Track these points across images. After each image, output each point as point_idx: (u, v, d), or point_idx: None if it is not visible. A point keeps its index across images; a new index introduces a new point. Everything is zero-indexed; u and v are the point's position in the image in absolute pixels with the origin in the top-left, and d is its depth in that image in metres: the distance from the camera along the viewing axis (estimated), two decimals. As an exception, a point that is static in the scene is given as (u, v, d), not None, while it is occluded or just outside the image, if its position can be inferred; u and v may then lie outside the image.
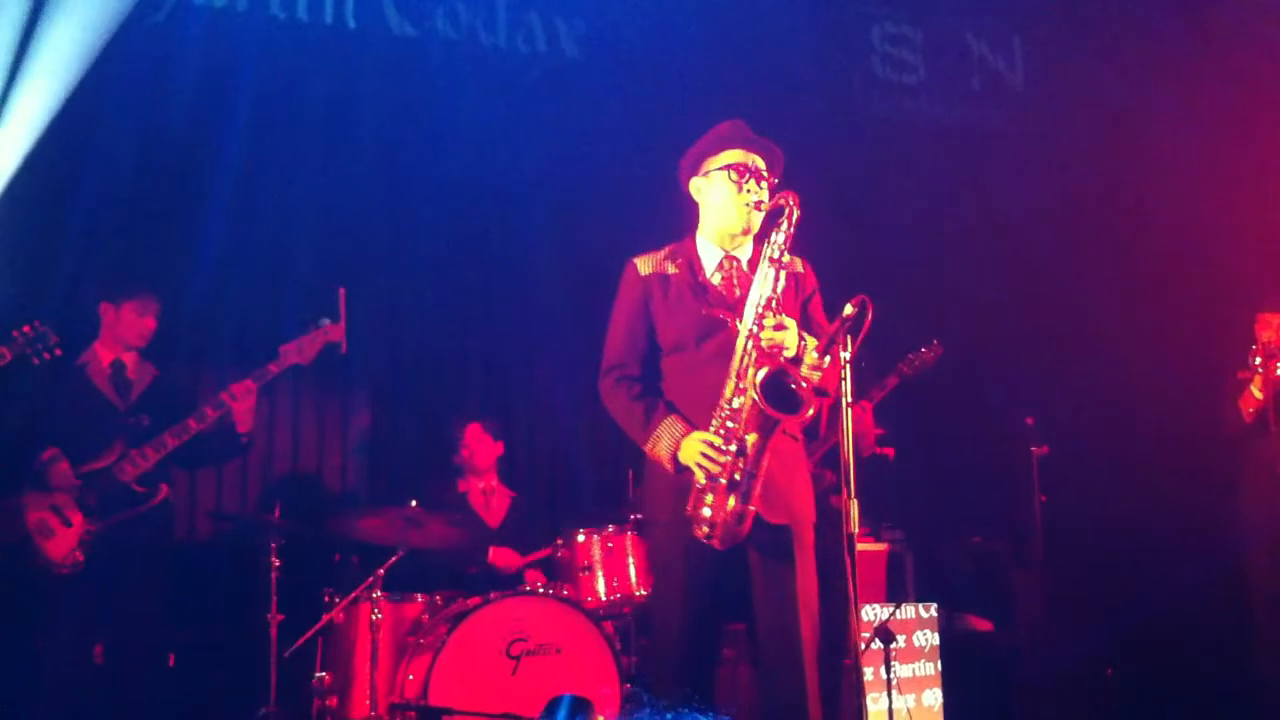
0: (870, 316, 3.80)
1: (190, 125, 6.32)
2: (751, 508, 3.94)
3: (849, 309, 3.85)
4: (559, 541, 5.82)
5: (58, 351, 5.02)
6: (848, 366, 3.83)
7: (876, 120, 7.90)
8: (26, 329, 4.96)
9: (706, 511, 3.95)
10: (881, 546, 6.74)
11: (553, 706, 1.36)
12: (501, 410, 6.94)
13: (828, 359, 3.97)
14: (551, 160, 6.99)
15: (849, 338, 3.82)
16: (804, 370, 3.98)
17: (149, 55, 6.10)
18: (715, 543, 3.96)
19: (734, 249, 4.27)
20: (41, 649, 5.22)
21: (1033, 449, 6.50)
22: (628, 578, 5.62)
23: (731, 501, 3.93)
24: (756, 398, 3.87)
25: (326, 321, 5.48)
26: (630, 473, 6.09)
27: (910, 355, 6.36)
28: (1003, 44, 8.31)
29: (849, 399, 3.82)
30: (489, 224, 7.07)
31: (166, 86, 6.21)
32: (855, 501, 3.78)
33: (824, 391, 4.07)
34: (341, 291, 5.54)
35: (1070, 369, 7.53)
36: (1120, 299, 7.58)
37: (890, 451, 6.39)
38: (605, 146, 7.05)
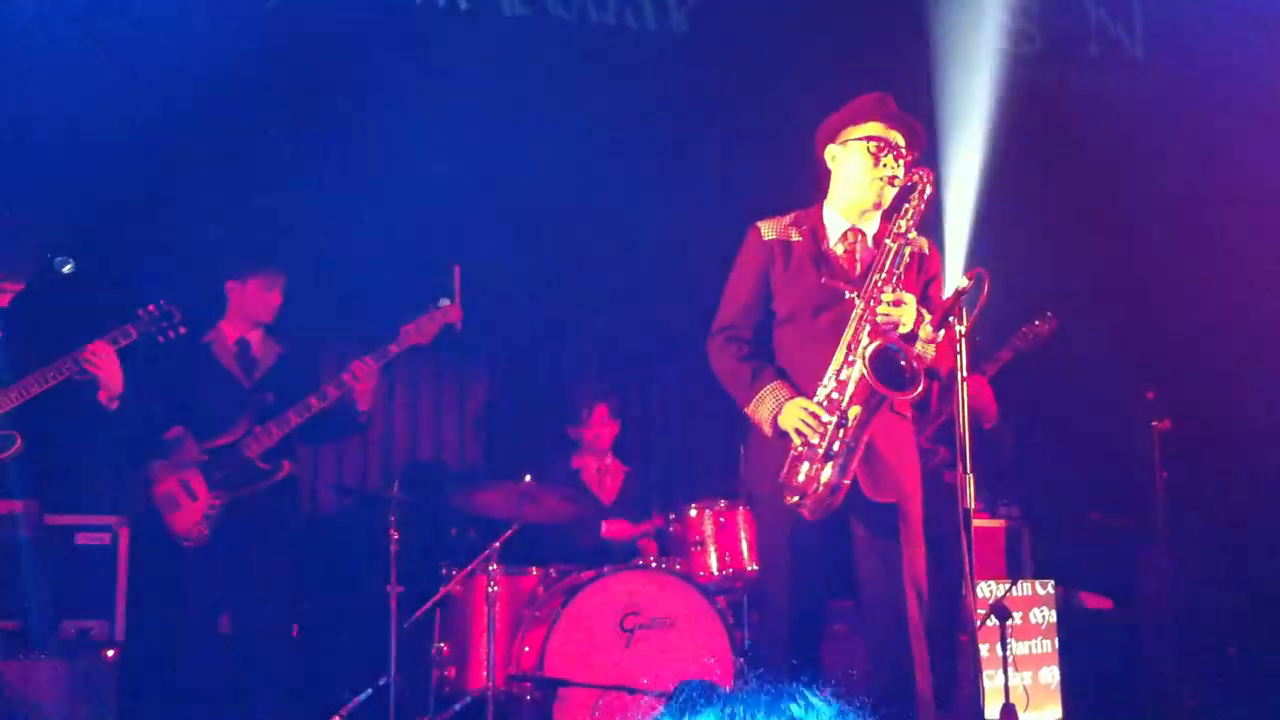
0: (986, 290, 3.76)
1: (306, 107, 6.45)
2: (847, 481, 3.92)
3: (965, 282, 3.81)
4: (671, 516, 5.85)
5: (182, 330, 5.15)
6: (963, 340, 3.80)
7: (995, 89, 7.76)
8: (152, 308, 5.09)
9: (799, 479, 3.95)
10: (998, 523, 6.66)
11: (679, 691, 1.38)
12: (614, 385, 6.99)
13: (941, 333, 3.94)
14: (663, 136, 6.99)
15: (964, 311, 3.79)
16: (918, 348, 3.95)
17: (265, 37, 6.21)
18: (804, 511, 3.95)
19: (860, 222, 4.23)
20: (170, 618, 5.37)
21: (1154, 424, 6.35)
22: (740, 552, 5.62)
23: (828, 473, 3.92)
24: (865, 371, 3.84)
25: (445, 301, 5.55)
26: (741, 448, 6.10)
27: (1024, 328, 6.25)
28: (1122, 9, 8.11)
29: (964, 373, 3.79)
30: (601, 201, 7.11)
31: (282, 68, 6.33)
32: (971, 477, 3.76)
33: (935, 373, 4.04)
34: (457, 271, 5.61)
35: (1192, 341, 7.35)
36: (1242, 270, 7.38)
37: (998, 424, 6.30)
38: (717, 122, 7.03)
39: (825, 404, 3.95)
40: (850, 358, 3.93)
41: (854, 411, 3.90)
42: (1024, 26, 7.63)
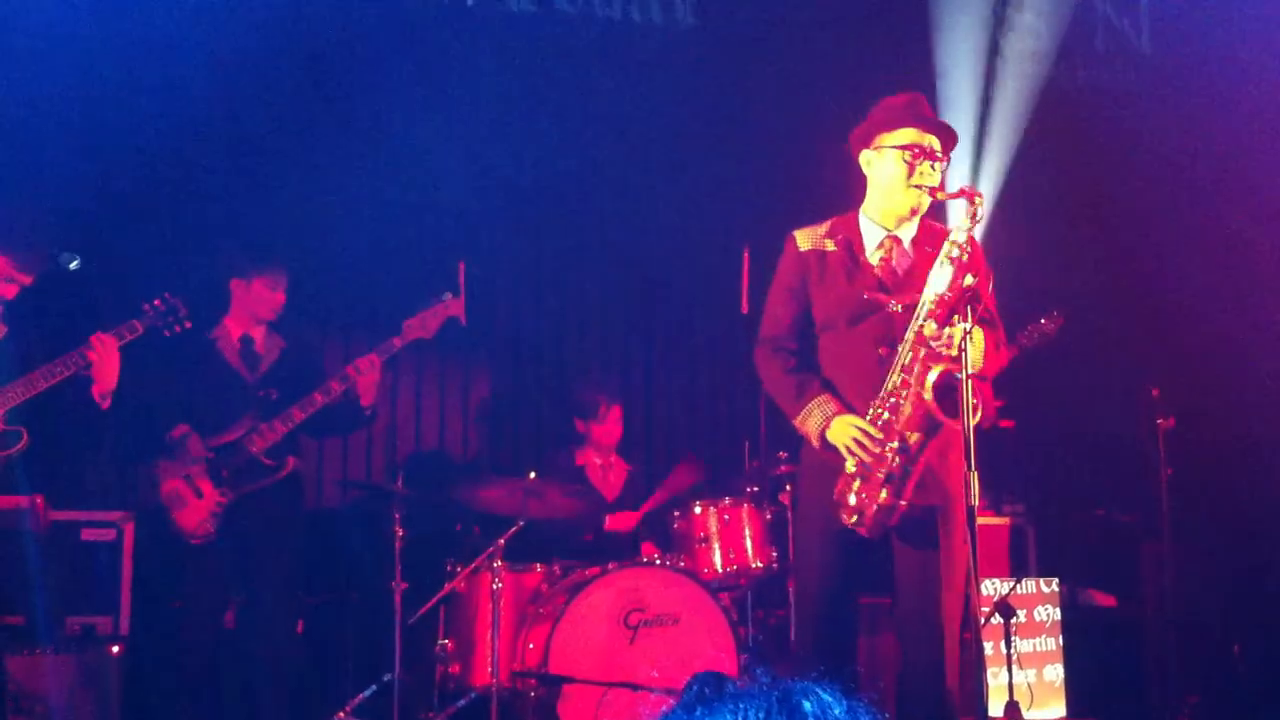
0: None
1: (313, 103, 6.45)
2: (903, 502, 3.92)
3: (969, 279, 3.80)
4: (676, 513, 5.85)
5: (187, 324, 5.15)
6: (967, 338, 3.79)
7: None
8: (158, 302, 5.09)
9: (853, 499, 3.95)
10: (1003, 520, 6.65)
11: (692, 684, 1.37)
12: (618, 381, 6.98)
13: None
14: (669, 131, 6.99)
15: (969, 309, 3.78)
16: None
17: (271, 33, 6.21)
18: (863, 530, 3.95)
19: (897, 229, 4.20)
20: (176, 614, 5.38)
21: (1158, 421, 6.32)
22: (744, 550, 5.63)
23: (884, 494, 3.91)
24: (929, 401, 3.83)
25: (448, 295, 5.56)
26: (746, 445, 6.09)
27: (1030, 326, 6.21)
28: (1129, 5, 8.09)
29: (968, 370, 3.78)
30: (606, 196, 7.10)
31: (287, 64, 6.33)
32: (975, 474, 3.75)
33: (984, 376, 4.02)
34: (461, 265, 5.61)
35: (1197, 338, 7.34)
36: (1248, 265, 7.36)
37: (1010, 424, 6.29)
38: (723, 116, 7.02)
39: (880, 424, 3.94)
40: (907, 379, 3.90)
41: (913, 437, 3.89)
42: (1030, 22, 7.61)
